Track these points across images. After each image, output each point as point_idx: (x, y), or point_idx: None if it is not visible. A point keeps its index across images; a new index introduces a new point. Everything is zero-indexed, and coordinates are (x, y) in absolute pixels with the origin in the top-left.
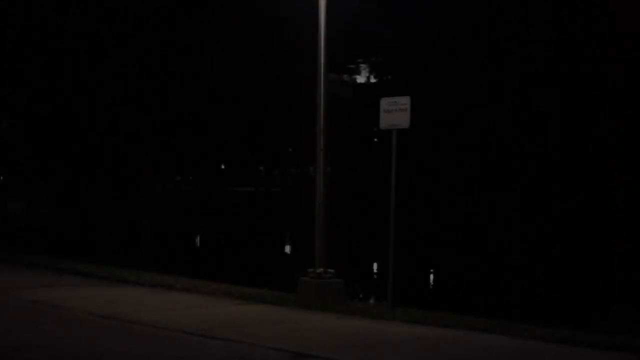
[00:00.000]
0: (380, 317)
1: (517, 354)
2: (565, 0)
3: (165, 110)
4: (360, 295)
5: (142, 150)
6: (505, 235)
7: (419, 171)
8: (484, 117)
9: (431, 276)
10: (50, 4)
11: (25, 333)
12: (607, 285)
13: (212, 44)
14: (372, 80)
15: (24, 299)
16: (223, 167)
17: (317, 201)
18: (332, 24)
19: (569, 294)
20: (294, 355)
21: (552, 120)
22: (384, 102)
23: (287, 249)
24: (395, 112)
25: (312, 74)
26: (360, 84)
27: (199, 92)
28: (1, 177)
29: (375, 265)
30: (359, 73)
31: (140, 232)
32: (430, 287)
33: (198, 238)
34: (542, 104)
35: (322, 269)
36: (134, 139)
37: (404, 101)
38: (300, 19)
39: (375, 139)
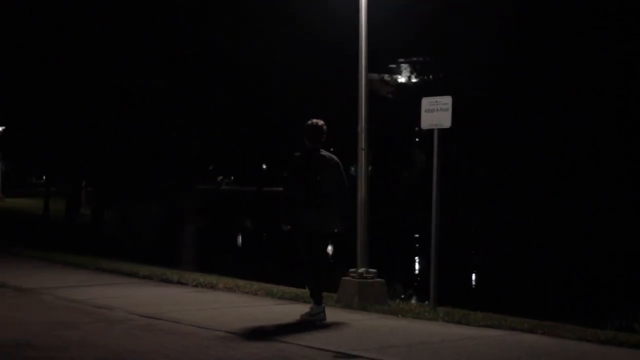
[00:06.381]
0: (422, 317)
1: (559, 355)
2: None
3: (210, 111)
4: (402, 295)
5: (186, 151)
6: (551, 233)
7: (459, 170)
8: (525, 115)
9: (474, 275)
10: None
11: (68, 332)
12: None
13: (253, 43)
14: (413, 79)
15: (66, 298)
16: (265, 167)
17: (358, 201)
18: (373, 24)
19: (614, 292)
20: (337, 354)
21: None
22: (426, 102)
23: (329, 248)
24: (436, 112)
25: (353, 73)
26: (401, 83)
27: (246, 91)
28: (44, 177)
29: (417, 265)
30: (400, 73)
31: (183, 232)
32: (473, 286)
33: (240, 238)
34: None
35: (364, 269)
36: (177, 141)
37: (446, 101)
38: (340, 18)
39: (417, 139)
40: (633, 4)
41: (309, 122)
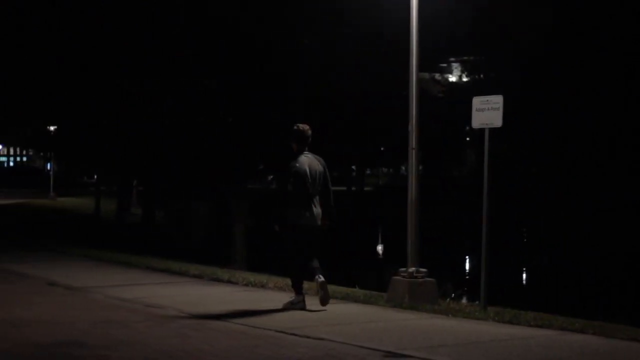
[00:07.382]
0: (473, 317)
1: (610, 355)
2: None
3: (260, 111)
4: (452, 295)
5: (236, 151)
6: (598, 231)
7: (506, 168)
8: (569, 114)
9: (524, 275)
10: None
11: (118, 331)
12: None
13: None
14: (464, 79)
15: (116, 296)
16: None
17: (409, 200)
18: (424, 23)
19: None
20: (386, 354)
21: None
22: (476, 101)
23: (379, 248)
24: (487, 111)
25: (404, 72)
26: (452, 82)
27: (297, 94)
28: (95, 177)
29: (467, 265)
30: (451, 72)
31: (233, 232)
32: (524, 285)
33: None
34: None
35: (414, 269)
36: (227, 140)
37: (497, 100)
38: (392, 18)
39: (468, 138)
40: None
41: (296, 127)
